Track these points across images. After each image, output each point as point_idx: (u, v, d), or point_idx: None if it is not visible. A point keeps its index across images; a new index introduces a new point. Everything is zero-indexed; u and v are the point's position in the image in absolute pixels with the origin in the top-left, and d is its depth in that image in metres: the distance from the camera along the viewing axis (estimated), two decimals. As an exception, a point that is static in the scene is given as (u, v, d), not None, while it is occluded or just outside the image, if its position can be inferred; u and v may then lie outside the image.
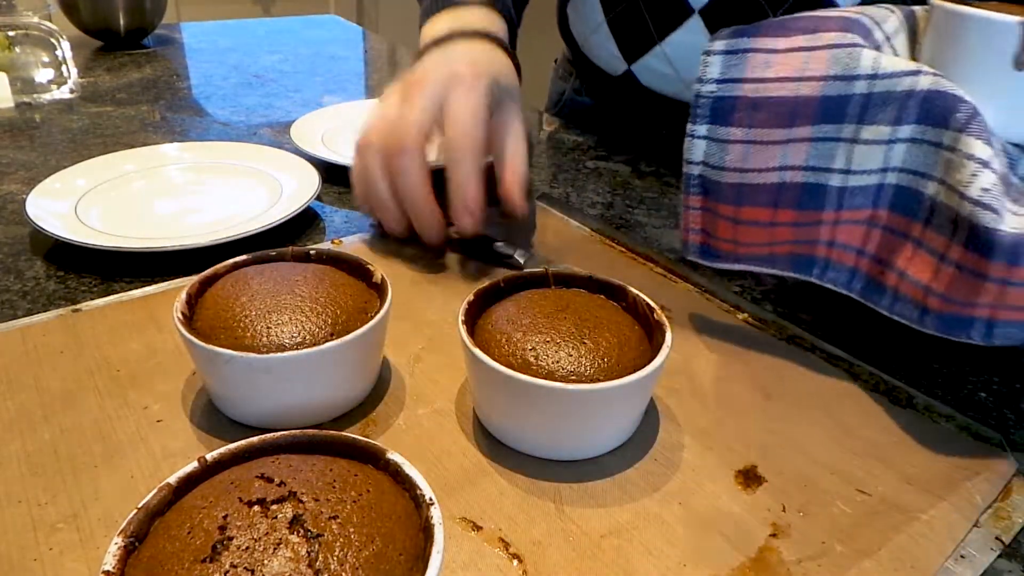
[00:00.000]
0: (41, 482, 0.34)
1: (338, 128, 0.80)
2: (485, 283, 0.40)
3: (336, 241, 0.58)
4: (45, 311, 0.48)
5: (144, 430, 0.37)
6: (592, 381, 0.34)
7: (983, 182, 0.34)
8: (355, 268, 0.42)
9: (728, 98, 0.40)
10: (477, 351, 0.35)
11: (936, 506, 0.35)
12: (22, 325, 0.45)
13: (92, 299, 0.49)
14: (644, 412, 0.38)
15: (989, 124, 0.36)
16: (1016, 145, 0.37)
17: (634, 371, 0.34)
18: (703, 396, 0.42)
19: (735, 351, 0.45)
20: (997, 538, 0.33)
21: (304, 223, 0.62)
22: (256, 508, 0.24)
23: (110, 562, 0.23)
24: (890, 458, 0.38)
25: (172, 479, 0.26)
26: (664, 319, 0.37)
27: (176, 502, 0.26)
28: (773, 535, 0.33)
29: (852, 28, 0.39)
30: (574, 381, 0.34)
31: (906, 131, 0.37)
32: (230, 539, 0.23)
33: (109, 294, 0.50)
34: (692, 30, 0.69)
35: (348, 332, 0.36)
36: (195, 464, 0.27)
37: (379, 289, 0.40)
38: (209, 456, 0.28)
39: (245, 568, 0.23)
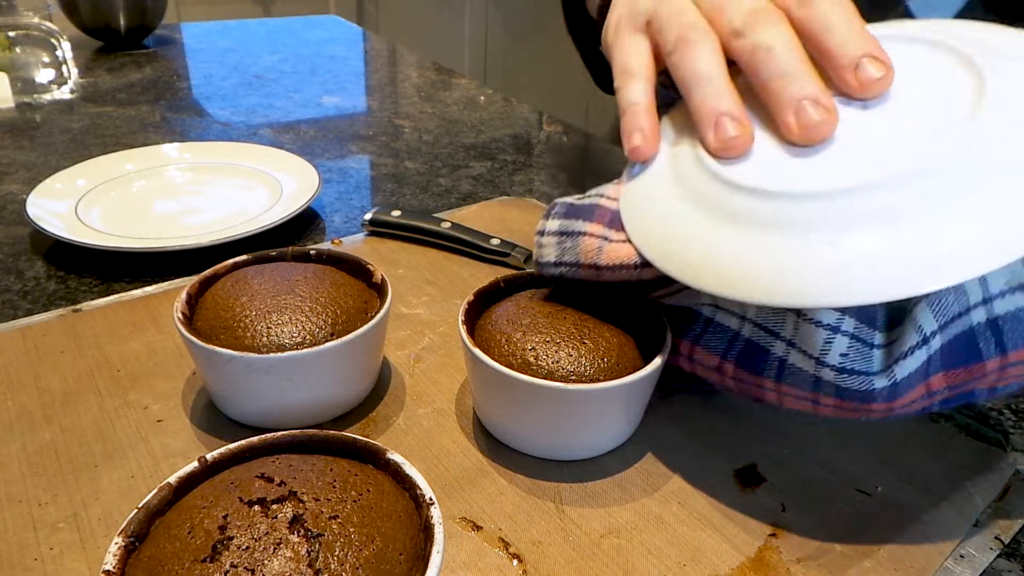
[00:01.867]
0: (41, 482, 0.34)
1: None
2: (485, 283, 0.40)
3: (336, 241, 0.58)
4: (45, 311, 0.48)
5: (144, 430, 0.37)
6: (592, 381, 0.34)
7: (839, 348, 0.31)
8: (355, 268, 0.42)
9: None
10: (477, 351, 0.35)
11: (936, 506, 0.35)
12: (22, 325, 0.45)
13: (92, 299, 0.49)
14: (644, 412, 0.38)
15: None
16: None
17: (634, 371, 0.34)
18: (703, 396, 0.42)
19: (735, 351, 0.45)
20: (996, 538, 0.33)
21: (304, 223, 0.62)
22: (256, 508, 0.24)
23: (110, 562, 0.24)
24: (890, 458, 0.38)
25: (172, 479, 0.27)
26: (665, 319, 0.37)
27: (176, 502, 0.26)
28: (773, 535, 0.33)
29: None
30: (574, 381, 0.34)
31: None
32: (230, 539, 0.23)
33: (109, 294, 0.50)
34: None
35: (348, 332, 0.36)
36: (195, 464, 0.27)
37: (379, 289, 0.40)
38: (209, 456, 0.28)
39: (245, 568, 0.23)
